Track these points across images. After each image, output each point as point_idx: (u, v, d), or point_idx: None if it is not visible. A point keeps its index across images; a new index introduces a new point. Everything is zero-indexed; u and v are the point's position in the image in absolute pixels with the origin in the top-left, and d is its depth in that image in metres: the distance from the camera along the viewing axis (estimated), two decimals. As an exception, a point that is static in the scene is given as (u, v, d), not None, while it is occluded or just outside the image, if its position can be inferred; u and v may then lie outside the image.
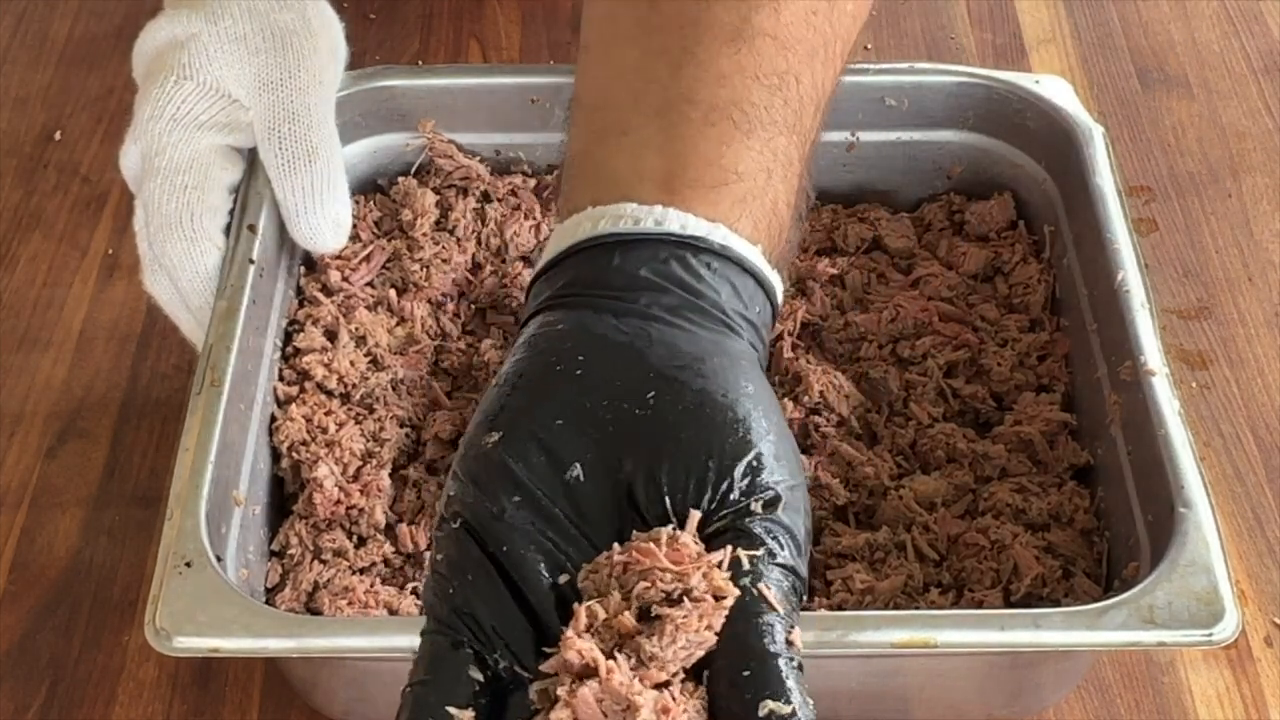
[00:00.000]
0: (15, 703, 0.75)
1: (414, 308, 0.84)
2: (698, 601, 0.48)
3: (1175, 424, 0.70)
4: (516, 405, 0.54)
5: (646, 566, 0.49)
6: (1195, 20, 1.12)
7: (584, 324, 0.55)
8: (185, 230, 0.75)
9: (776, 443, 0.53)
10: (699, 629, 0.48)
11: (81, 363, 0.89)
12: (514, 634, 0.50)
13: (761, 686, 0.47)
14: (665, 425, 0.52)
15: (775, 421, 0.54)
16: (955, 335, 0.83)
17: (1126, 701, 0.75)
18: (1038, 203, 0.88)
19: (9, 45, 1.10)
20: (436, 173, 0.89)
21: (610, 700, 0.47)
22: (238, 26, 0.77)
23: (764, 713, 0.46)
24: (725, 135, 0.59)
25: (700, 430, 0.52)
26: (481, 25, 1.11)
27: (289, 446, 0.77)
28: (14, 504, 0.83)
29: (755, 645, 0.48)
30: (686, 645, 0.48)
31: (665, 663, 0.48)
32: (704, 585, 0.49)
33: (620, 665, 0.48)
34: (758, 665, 0.47)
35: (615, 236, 0.57)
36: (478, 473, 0.52)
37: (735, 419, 0.52)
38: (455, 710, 0.48)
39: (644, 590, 0.49)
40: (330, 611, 0.71)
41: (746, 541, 0.50)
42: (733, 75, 0.60)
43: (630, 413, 0.52)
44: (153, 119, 0.76)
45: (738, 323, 0.56)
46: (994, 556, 0.73)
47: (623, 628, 0.49)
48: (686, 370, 0.53)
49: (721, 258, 0.57)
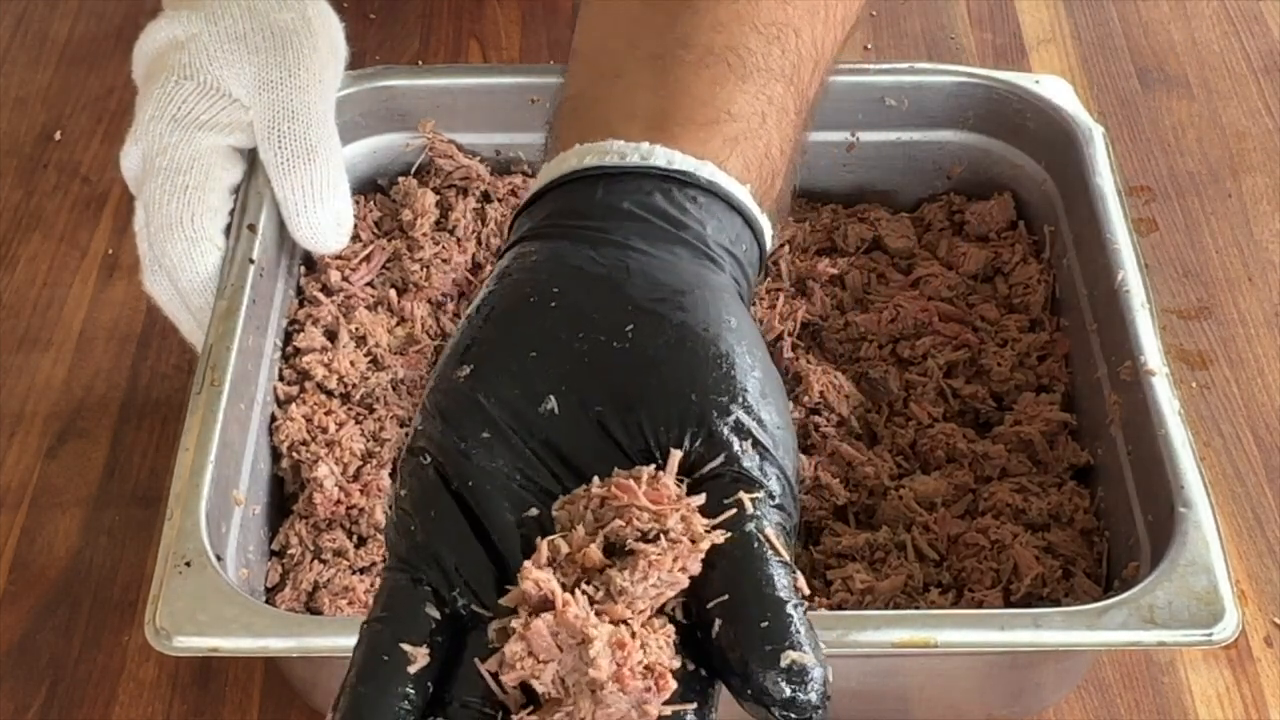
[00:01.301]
0: (15, 703, 0.75)
1: (414, 308, 0.84)
2: (674, 542, 0.47)
3: (1175, 424, 0.70)
4: (488, 337, 0.52)
5: (624, 503, 0.48)
6: (1195, 20, 1.12)
7: (560, 254, 0.53)
8: (186, 230, 0.75)
9: (762, 379, 0.51)
10: (672, 569, 0.46)
11: (81, 363, 0.89)
12: (475, 573, 0.48)
13: (780, 637, 0.45)
14: (644, 359, 0.50)
15: (760, 357, 0.52)
16: (955, 335, 0.83)
17: (1126, 701, 0.75)
18: (1038, 203, 0.88)
19: (9, 45, 1.10)
20: (437, 173, 0.89)
21: (565, 633, 0.46)
22: (238, 26, 0.77)
23: (786, 663, 0.45)
24: (719, 77, 0.58)
25: (681, 365, 0.50)
26: (481, 25, 1.11)
27: (289, 446, 0.77)
28: (14, 504, 0.83)
29: (769, 595, 0.46)
30: (658, 584, 0.46)
31: (634, 599, 0.46)
32: (681, 528, 0.47)
33: (577, 599, 0.46)
34: (775, 616, 0.46)
35: (600, 170, 0.55)
36: (446, 407, 0.51)
37: (718, 354, 0.51)
38: (409, 647, 0.47)
39: (618, 528, 0.47)
40: (330, 611, 0.71)
41: (746, 484, 0.48)
42: (730, 23, 0.59)
43: (608, 345, 0.51)
44: (154, 119, 0.76)
45: (720, 255, 0.55)
46: (994, 556, 0.73)
47: (588, 561, 0.47)
48: (666, 303, 0.52)
49: (708, 193, 0.55)
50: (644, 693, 0.45)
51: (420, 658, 0.46)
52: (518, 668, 0.45)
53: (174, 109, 0.76)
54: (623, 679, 0.45)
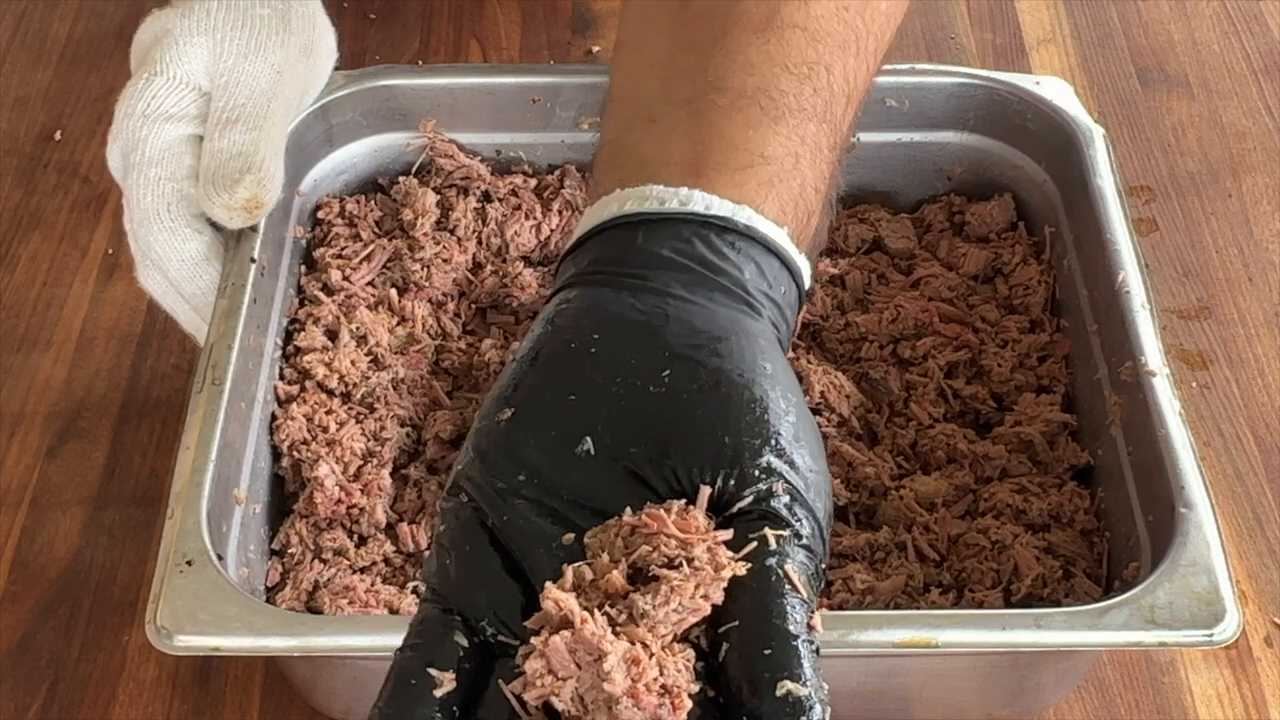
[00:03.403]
0: (15, 703, 0.75)
1: (415, 307, 0.84)
2: (698, 570, 0.48)
3: (1175, 424, 0.70)
4: (530, 383, 0.54)
5: (653, 531, 0.49)
6: (1195, 20, 1.12)
7: (601, 301, 0.55)
8: (165, 221, 0.76)
9: (796, 424, 0.52)
10: (694, 595, 0.48)
11: (81, 363, 0.89)
12: (505, 604, 0.50)
13: (780, 667, 0.47)
14: (679, 403, 0.52)
15: (795, 402, 0.53)
16: (956, 336, 0.83)
17: (1126, 701, 0.75)
18: (1038, 204, 0.88)
19: (9, 45, 1.10)
20: (437, 172, 0.89)
21: (582, 650, 0.47)
22: (211, 20, 0.78)
23: (781, 692, 0.46)
24: (752, 120, 0.59)
25: (715, 409, 0.52)
26: (481, 25, 1.11)
27: (290, 445, 0.77)
28: (14, 504, 0.83)
29: (777, 625, 0.48)
30: (679, 609, 0.48)
31: (655, 622, 0.47)
32: (706, 557, 0.48)
33: (596, 618, 0.47)
34: (778, 645, 0.47)
35: (640, 216, 0.57)
36: (487, 449, 0.52)
37: (752, 398, 0.52)
38: (436, 672, 0.48)
39: (645, 554, 0.49)
40: (331, 611, 0.71)
41: (773, 522, 0.50)
42: (761, 64, 0.60)
43: (644, 390, 0.52)
44: (126, 116, 0.77)
45: (760, 301, 0.56)
46: (994, 557, 0.73)
47: (610, 586, 0.48)
48: (702, 349, 0.53)
49: (746, 238, 0.57)
50: (658, 710, 0.46)
51: (447, 682, 0.48)
52: (538, 685, 0.47)
53: (143, 105, 0.77)
54: (638, 695, 0.46)
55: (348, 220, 0.88)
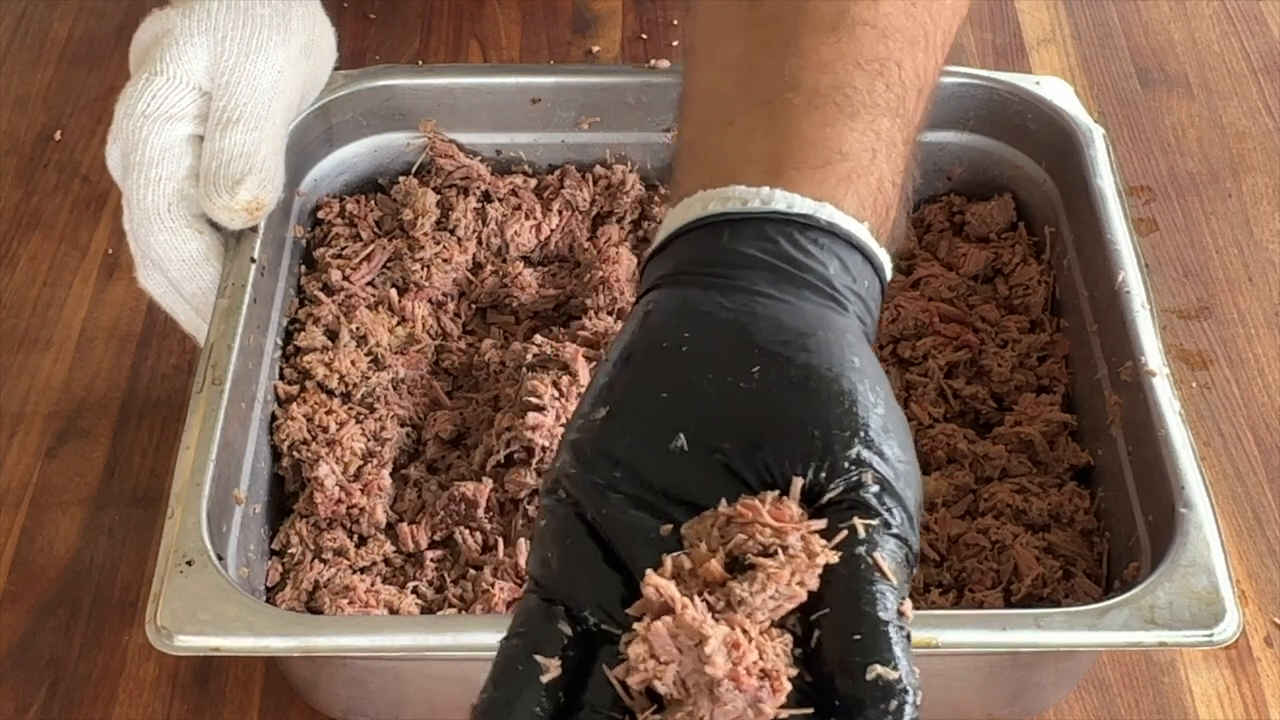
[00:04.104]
0: (15, 703, 0.75)
1: (415, 307, 0.84)
2: (792, 557, 0.50)
3: (1175, 424, 0.70)
4: (624, 382, 0.55)
5: (749, 520, 0.50)
6: (1195, 20, 1.12)
7: (690, 302, 0.56)
8: (165, 221, 0.76)
9: (885, 415, 0.54)
10: (790, 582, 0.49)
11: (81, 363, 0.89)
12: (606, 592, 0.51)
13: (870, 651, 0.48)
14: (769, 399, 0.53)
15: (883, 395, 0.55)
16: (956, 336, 0.83)
17: (1126, 701, 0.75)
18: (1038, 204, 0.88)
19: (9, 45, 1.10)
20: (437, 172, 0.89)
21: (684, 635, 0.48)
22: (210, 19, 0.78)
23: (871, 676, 0.47)
24: (829, 118, 0.60)
25: (805, 404, 0.53)
26: (481, 25, 1.11)
27: (290, 445, 0.77)
28: (14, 504, 0.83)
29: (868, 612, 0.49)
30: (776, 596, 0.49)
31: (753, 609, 0.49)
32: (800, 546, 0.50)
33: (696, 604, 0.49)
34: (869, 631, 0.48)
35: (724, 216, 0.58)
36: (583, 447, 0.53)
37: (841, 392, 0.53)
38: (541, 659, 0.49)
39: (741, 543, 0.50)
40: (331, 611, 0.71)
41: (862, 511, 0.51)
42: (834, 62, 0.61)
43: (735, 386, 0.53)
44: (125, 116, 0.77)
45: (846, 297, 0.57)
46: (994, 557, 0.73)
47: (709, 575, 0.50)
48: (791, 345, 0.54)
49: (829, 234, 0.58)
50: (758, 692, 0.47)
51: (552, 669, 0.49)
52: (640, 670, 0.48)
53: (144, 105, 0.77)
54: (738, 678, 0.47)
55: (348, 220, 0.88)
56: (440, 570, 0.74)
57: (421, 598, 0.73)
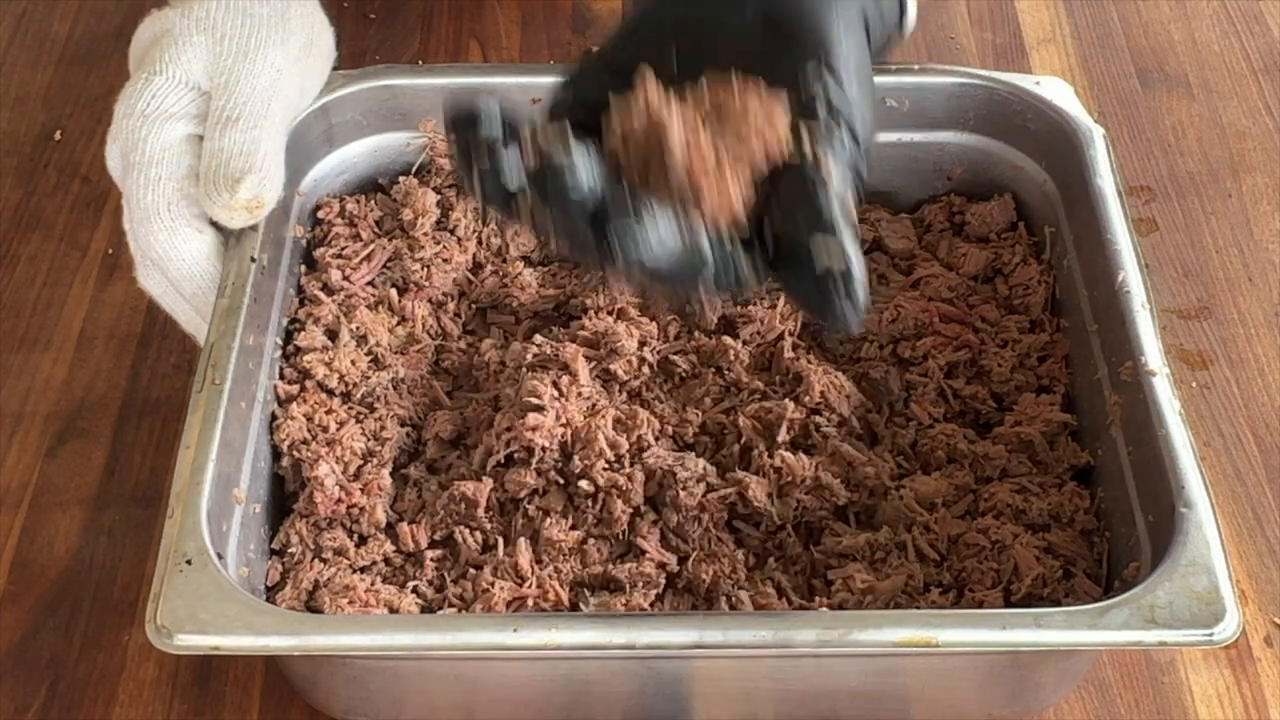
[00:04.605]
0: (15, 703, 0.75)
1: (415, 307, 0.84)
2: (756, 115, 0.61)
3: (1175, 424, 0.70)
4: (615, 27, 0.69)
5: (730, 88, 0.62)
6: (1195, 20, 1.12)
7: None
8: (165, 220, 0.76)
9: (852, 54, 0.64)
10: (752, 135, 0.60)
11: (81, 363, 0.89)
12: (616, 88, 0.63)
13: (814, 219, 0.59)
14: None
15: (855, 42, 0.65)
16: (956, 336, 0.83)
17: (1126, 701, 0.75)
18: (1038, 204, 0.88)
19: (9, 45, 1.10)
20: (437, 172, 0.89)
21: (651, 120, 0.61)
22: (210, 19, 0.78)
23: (818, 237, 0.59)
24: None
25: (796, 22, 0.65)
26: (481, 25, 1.11)
27: (290, 445, 0.77)
28: (14, 504, 0.83)
29: (813, 191, 0.59)
30: (740, 139, 0.60)
31: (718, 143, 0.60)
32: (762, 115, 0.61)
33: (672, 104, 0.61)
34: (812, 204, 0.59)
35: None
36: (574, 69, 0.67)
37: (813, 24, 0.64)
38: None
39: (718, 98, 0.62)
40: (331, 610, 0.71)
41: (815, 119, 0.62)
42: None
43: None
44: (125, 116, 0.77)
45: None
46: (994, 557, 0.73)
47: (693, 101, 0.62)
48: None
49: None
50: (703, 180, 0.59)
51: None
52: (615, 134, 0.62)
53: (143, 104, 0.77)
54: (691, 167, 0.59)
55: (348, 220, 0.88)
56: (440, 570, 0.74)
57: (421, 597, 0.73)
